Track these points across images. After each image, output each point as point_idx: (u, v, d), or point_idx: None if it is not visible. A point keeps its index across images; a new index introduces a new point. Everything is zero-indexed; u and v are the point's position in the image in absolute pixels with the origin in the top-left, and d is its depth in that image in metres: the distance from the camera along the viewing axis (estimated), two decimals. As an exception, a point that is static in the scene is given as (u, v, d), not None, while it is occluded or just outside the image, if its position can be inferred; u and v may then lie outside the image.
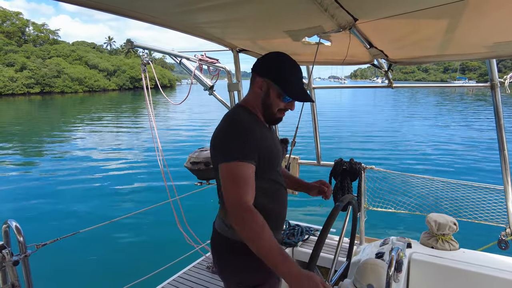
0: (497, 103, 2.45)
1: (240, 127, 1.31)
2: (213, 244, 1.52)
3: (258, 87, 1.41)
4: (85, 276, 4.98)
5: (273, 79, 1.38)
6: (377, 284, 1.65)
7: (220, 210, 1.50)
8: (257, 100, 1.43)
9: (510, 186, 2.66)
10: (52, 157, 13.32)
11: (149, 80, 2.51)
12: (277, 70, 1.38)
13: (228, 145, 1.28)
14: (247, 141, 1.29)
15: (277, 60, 1.41)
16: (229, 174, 1.24)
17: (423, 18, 1.57)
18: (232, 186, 1.22)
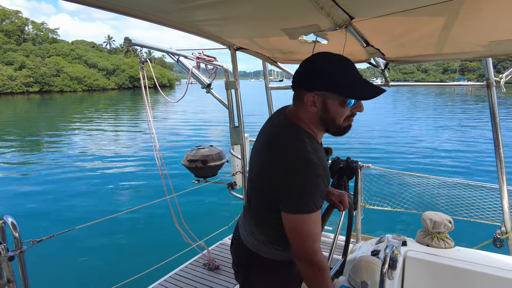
0: (493, 102, 2.46)
1: (317, 170, 1.13)
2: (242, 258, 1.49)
3: (311, 105, 1.18)
4: (82, 272, 5.01)
5: (327, 89, 1.15)
6: (371, 281, 1.65)
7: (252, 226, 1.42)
8: (312, 118, 1.23)
9: (505, 185, 2.67)
10: (50, 154, 13.33)
11: (147, 80, 2.51)
12: (327, 77, 1.14)
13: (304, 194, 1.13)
14: (322, 186, 1.16)
15: (321, 65, 1.17)
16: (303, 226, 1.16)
17: (419, 16, 1.57)
18: (304, 238, 1.17)
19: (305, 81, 1.20)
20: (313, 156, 1.16)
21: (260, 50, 2.50)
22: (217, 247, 2.95)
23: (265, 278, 1.42)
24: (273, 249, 1.37)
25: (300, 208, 1.13)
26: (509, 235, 2.79)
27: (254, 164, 1.37)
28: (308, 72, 1.20)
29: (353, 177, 2.93)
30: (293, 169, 1.13)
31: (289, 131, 1.24)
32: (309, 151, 1.17)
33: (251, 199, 1.40)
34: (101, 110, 31.85)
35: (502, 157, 2.62)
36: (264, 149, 1.29)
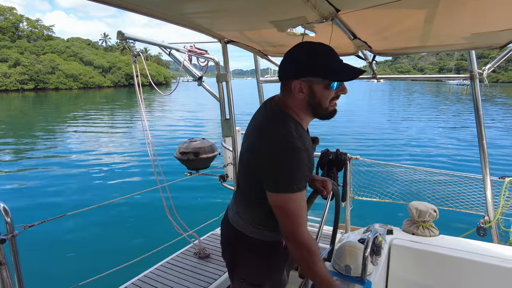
0: (476, 94, 2.51)
1: (296, 153, 1.20)
2: (228, 237, 1.55)
3: (298, 91, 1.25)
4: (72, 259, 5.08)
5: (312, 74, 1.23)
6: (354, 265, 1.70)
7: (239, 206, 1.49)
8: (301, 105, 1.30)
9: (488, 175, 2.73)
10: (45, 149, 13.37)
11: (141, 76, 2.54)
12: (311, 63, 1.22)
13: (287, 175, 1.19)
14: (304, 169, 1.23)
15: (304, 53, 1.25)
16: (288, 205, 1.21)
17: (403, 8, 1.59)
18: (291, 217, 1.23)
19: (291, 70, 1.27)
20: (298, 142, 1.23)
21: (251, 43, 2.53)
22: (208, 237, 3.00)
23: (250, 256, 1.48)
24: (257, 228, 1.43)
25: (284, 188, 1.20)
26: (492, 224, 2.86)
27: (243, 149, 1.44)
28: (292, 61, 1.28)
29: (342, 169, 2.99)
30: (278, 153, 1.21)
31: (277, 118, 1.31)
32: (294, 136, 1.24)
33: (240, 183, 1.48)
34: (97, 107, 31.71)
35: (485, 149, 2.68)
36: (253, 135, 1.36)
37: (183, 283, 2.29)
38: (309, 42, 1.30)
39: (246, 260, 1.50)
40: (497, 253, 2.24)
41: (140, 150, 12.30)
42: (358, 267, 1.69)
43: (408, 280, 2.40)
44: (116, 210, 6.75)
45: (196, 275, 2.38)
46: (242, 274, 1.51)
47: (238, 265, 1.52)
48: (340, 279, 1.72)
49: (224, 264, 2.54)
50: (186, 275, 2.38)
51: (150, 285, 2.25)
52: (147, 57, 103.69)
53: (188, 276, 2.37)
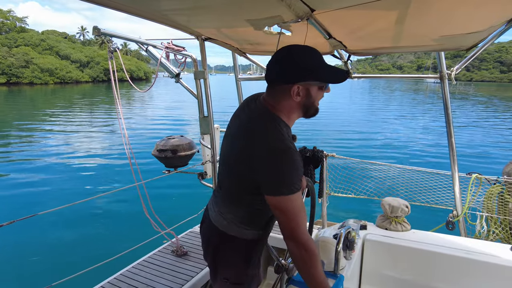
0: (446, 93, 2.62)
1: (293, 157, 1.23)
2: (210, 237, 1.54)
3: (296, 95, 1.28)
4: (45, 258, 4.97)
5: (311, 78, 1.28)
6: (327, 260, 1.74)
7: (221, 206, 1.49)
8: (295, 107, 1.33)
9: (456, 172, 2.86)
10: (19, 144, 12.94)
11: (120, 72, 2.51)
12: (310, 68, 1.27)
13: (288, 177, 1.21)
14: (299, 169, 1.26)
15: (302, 59, 1.29)
16: (287, 206, 1.23)
17: (376, 9, 1.63)
18: (291, 217, 1.24)
19: (289, 75, 1.28)
20: (291, 144, 1.27)
21: (228, 40, 2.53)
22: (187, 234, 2.99)
23: (233, 255, 1.48)
24: (240, 227, 1.44)
25: (284, 190, 1.21)
26: (460, 218, 3.00)
27: (230, 150, 1.42)
28: (292, 67, 1.28)
29: (319, 166, 3.04)
30: (275, 156, 1.22)
31: (268, 119, 1.31)
32: (287, 138, 1.28)
33: (224, 183, 1.48)
34: (74, 103, 30.84)
35: (454, 146, 2.80)
36: (241, 136, 1.35)
37: (160, 281, 2.28)
38: (301, 46, 1.32)
39: (229, 260, 1.49)
40: (464, 246, 2.35)
41: (117, 147, 12.07)
42: (331, 261, 1.73)
43: (381, 274, 2.48)
44: (91, 209, 6.62)
45: (174, 273, 2.38)
46: (225, 274, 1.51)
47: (221, 265, 1.52)
48: None
49: (201, 262, 2.57)
50: (163, 273, 2.38)
51: (126, 284, 2.23)
52: (127, 52, 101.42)
53: (165, 274, 2.37)
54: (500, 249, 2.31)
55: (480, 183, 3.11)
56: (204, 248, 1.61)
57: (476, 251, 2.27)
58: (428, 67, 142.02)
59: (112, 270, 2.35)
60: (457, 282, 2.27)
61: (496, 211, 3.12)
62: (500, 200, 3.11)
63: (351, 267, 2.18)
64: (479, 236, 3.11)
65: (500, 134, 16.86)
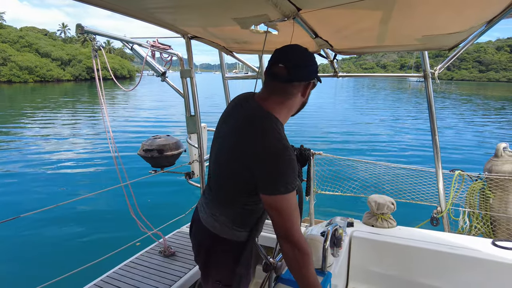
0: (429, 92, 2.69)
1: (292, 154, 1.26)
2: (202, 240, 1.53)
3: (301, 94, 1.38)
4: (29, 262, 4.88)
5: (312, 76, 1.38)
6: (315, 257, 1.76)
7: (212, 208, 1.49)
8: (297, 106, 1.42)
9: (440, 169, 2.95)
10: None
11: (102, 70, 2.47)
12: (314, 68, 1.39)
13: (286, 175, 1.22)
14: (296, 170, 1.27)
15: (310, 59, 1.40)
16: (283, 204, 1.24)
17: (361, 9, 1.65)
18: (286, 216, 1.24)
19: (297, 74, 1.35)
20: (287, 143, 1.29)
21: (215, 39, 2.53)
22: (174, 235, 2.99)
23: (225, 257, 1.48)
24: (232, 229, 1.44)
25: (281, 189, 1.22)
26: (444, 214, 3.09)
27: (221, 149, 1.41)
28: (297, 67, 1.35)
29: (306, 164, 3.08)
30: (273, 156, 1.23)
31: (264, 118, 1.32)
32: (284, 138, 1.30)
33: (215, 184, 1.47)
34: (56, 102, 30.15)
35: (438, 143, 2.88)
36: (234, 135, 1.34)
37: (148, 282, 2.27)
38: (302, 47, 1.41)
39: (221, 262, 1.49)
40: (448, 241, 2.43)
41: (102, 147, 11.89)
42: (319, 259, 1.76)
43: (368, 270, 2.54)
44: (76, 210, 6.51)
45: (161, 274, 2.37)
46: (217, 276, 1.50)
47: (213, 268, 1.52)
48: None
49: (189, 262, 2.57)
50: (151, 274, 2.37)
51: (113, 286, 2.21)
52: (110, 50, 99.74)
53: (153, 275, 2.36)
54: (482, 243, 2.40)
55: (463, 179, 3.20)
56: (195, 251, 1.60)
57: (459, 246, 2.35)
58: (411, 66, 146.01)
59: (99, 272, 2.33)
60: (441, 276, 2.34)
61: (478, 207, 3.23)
62: (481, 196, 3.21)
63: (339, 264, 2.23)
64: (462, 231, 3.21)
65: (481, 132, 17.38)
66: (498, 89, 73.05)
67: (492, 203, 3.16)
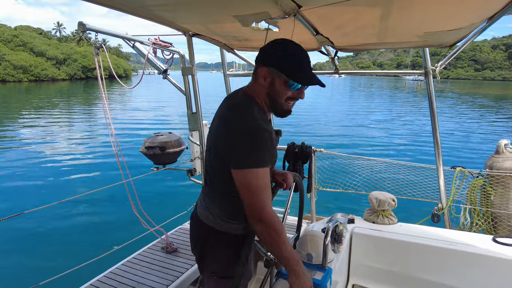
0: (430, 88, 2.75)
1: (261, 132, 1.28)
2: (198, 232, 1.59)
3: (262, 78, 1.37)
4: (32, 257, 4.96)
5: (278, 66, 1.34)
6: (315, 253, 1.79)
7: (207, 202, 1.55)
8: (262, 91, 1.40)
9: (441, 166, 3.00)
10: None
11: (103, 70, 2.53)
12: (281, 57, 1.34)
13: (252, 150, 1.26)
14: (267, 147, 1.29)
15: (281, 46, 1.37)
16: (250, 180, 1.26)
17: (361, 6, 1.70)
18: (255, 192, 1.27)
19: (264, 56, 1.40)
20: (261, 122, 1.31)
21: (216, 37, 2.58)
22: (176, 231, 3.04)
23: (220, 250, 1.54)
24: (227, 222, 1.50)
25: (248, 162, 1.26)
26: (445, 211, 3.15)
27: (209, 140, 1.48)
28: (270, 50, 1.39)
29: (308, 161, 3.14)
30: (243, 131, 1.28)
31: (241, 101, 1.40)
32: (257, 117, 1.33)
33: (208, 176, 1.53)
34: (52, 101, 30.15)
35: (439, 141, 2.94)
36: (218, 124, 1.42)
37: (150, 278, 2.33)
38: (290, 40, 1.41)
39: (216, 254, 1.55)
40: (448, 237, 2.48)
41: (103, 145, 11.96)
42: (319, 255, 1.78)
43: (368, 266, 2.59)
44: (79, 207, 6.63)
45: (163, 270, 2.43)
46: (212, 268, 1.56)
47: (208, 260, 1.57)
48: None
49: (191, 258, 2.63)
50: (153, 270, 2.42)
51: (116, 281, 2.27)
52: (106, 49, 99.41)
53: (155, 270, 2.42)
54: (483, 239, 2.44)
55: (463, 176, 3.26)
56: (191, 243, 1.67)
57: (460, 243, 2.39)
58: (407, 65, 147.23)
59: (102, 268, 2.39)
60: (442, 272, 2.39)
61: (479, 203, 3.29)
62: (482, 193, 3.27)
63: (339, 260, 2.27)
64: (463, 227, 3.27)
65: (482, 129, 17.46)
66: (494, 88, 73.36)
67: (493, 200, 3.22)
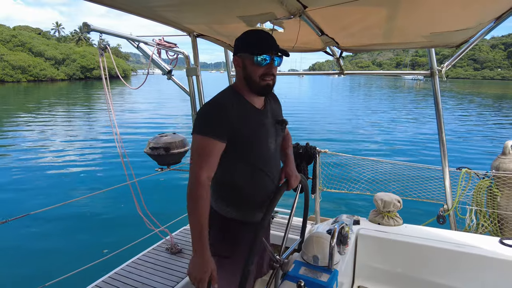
0: (436, 89, 2.77)
1: (213, 104, 1.47)
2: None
3: (236, 65, 1.56)
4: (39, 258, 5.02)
5: (243, 50, 1.52)
6: (321, 255, 1.80)
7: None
8: (240, 79, 1.56)
9: (447, 167, 3.01)
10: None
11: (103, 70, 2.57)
12: (242, 40, 1.54)
13: (199, 119, 1.45)
14: (216, 118, 1.43)
15: (242, 34, 1.57)
16: (192, 145, 1.42)
17: (367, 6, 1.72)
18: (191, 157, 1.42)
19: (234, 49, 1.60)
20: (224, 100, 1.50)
21: (221, 37, 2.61)
22: (180, 232, 3.07)
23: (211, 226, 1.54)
24: (220, 204, 1.60)
25: (195, 129, 1.43)
26: (450, 212, 3.16)
27: None
28: (235, 43, 1.59)
29: (312, 162, 3.16)
30: (202, 106, 1.52)
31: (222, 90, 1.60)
32: (223, 97, 1.53)
33: None
34: (52, 102, 30.24)
35: (444, 141, 2.95)
36: None
37: (155, 278, 2.35)
38: (253, 29, 1.63)
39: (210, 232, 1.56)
40: (454, 239, 2.49)
41: (106, 146, 12.02)
42: (325, 257, 1.79)
43: (374, 268, 2.60)
44: (84, 208, 6.70)
45: (168, 270, 2.46)
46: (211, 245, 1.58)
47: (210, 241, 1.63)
48: (309, 269, 1.84)
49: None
50: (158, 271, 2.45)
51: (121, 282, 2.29)
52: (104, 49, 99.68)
53: (160, 271, 2.44)
54: (489, 241, 2.44)
55: (469, 177, 3.27)
56: None
57: (466, 244, 2.40)
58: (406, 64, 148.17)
59: (107, 269, 2.42)
60: (448, 274, 2.40)
61: (485, 205, 3.30)
62: (489, 194, 3.28)
63: (345, 262, 2.29)
64: (469, 229, 3.28)
65: (489, 129, 17.45)
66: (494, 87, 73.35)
67: (499, 201, 3.22)
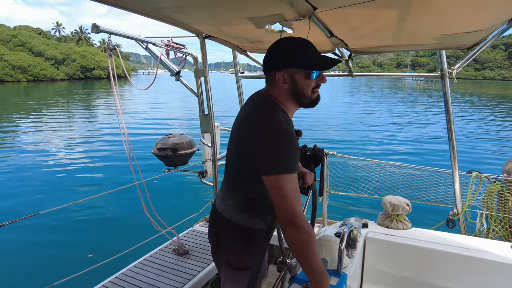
0: (446, 91, 2.80)
1: (287, 138, 1.36)
2: (214, 221, 1.72)
3: (282, 82, 1.44)
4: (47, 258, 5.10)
5: (293, 64, 1.41)
6: (330, 258, 1.82)
7: (225, 193, 1.66)
8: (285, 95, 1.47)
9: (457, 170, 3.04)
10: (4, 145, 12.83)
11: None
12: (290, 55, 1.42)
13: (282, 157, 1.33)
14: (296, 151, 1.38)
15: (283, 46, 1.46)
16: (284, 186, 1.32)
17: (377, 7, 1.74)
18: (287, 197, 1.32)
19: (274, 62, 1.46)
20: (287, 126, 1.40)
21: (229, 38, 2.66)
22: (187, 233, 3.12)
23: (234, 241, 1.64)
24: (241, 214, 1.60)
25: (280, 169, 1.32)
26: (460, 216, 3.19)
27: (232, 140, 1.60)
28: (275, 55, 1.47)
29: (319, 164, 3.20)
30: (269, 136, 1.35)
31: (265, 106, 1.48)
32: (283, 121, 1.42)
33: (228, 171, 1.65)
34: (53, 102, 30.48)
35: (455, 144, 2.98)
36: (241, 125, 1.52)
37: (162, 280, 2.40)
38: (289, 37, 1.49)
39: (231, 245, 1.65)
40: (464, 243, 2.51)
41: (113, 147, 12.15)
42: (334, 260, 1.80)
43: (382, 272, 2.64)
44: (92, 208, 6.79)
45: (175, 272, 2.51)
46: (227, 259, 1.66)
47: (223, 250, 1.69)
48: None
49: (202, 261, 2.71)
50: (165, 272, 2.50)
51: (128, 283, 2.34)
52: (105, 50, 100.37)
53: (167, 272, 2.49)
54: (500, 246, 2.46)
55: (480, 181, 3.29)
56: (209, 231, 1.79)
57: (476, 249, 2.42)
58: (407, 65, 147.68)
59: (113, 270, 2.47)
60: (457, 279, 2.43)
61: (496, 209, 3.31)
62: (500, 198, 3.29)
63: (354, 265, 2.32)
64: (479, 234, 3.30)
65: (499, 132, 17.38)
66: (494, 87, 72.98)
67: (510, 206, 3.25)
